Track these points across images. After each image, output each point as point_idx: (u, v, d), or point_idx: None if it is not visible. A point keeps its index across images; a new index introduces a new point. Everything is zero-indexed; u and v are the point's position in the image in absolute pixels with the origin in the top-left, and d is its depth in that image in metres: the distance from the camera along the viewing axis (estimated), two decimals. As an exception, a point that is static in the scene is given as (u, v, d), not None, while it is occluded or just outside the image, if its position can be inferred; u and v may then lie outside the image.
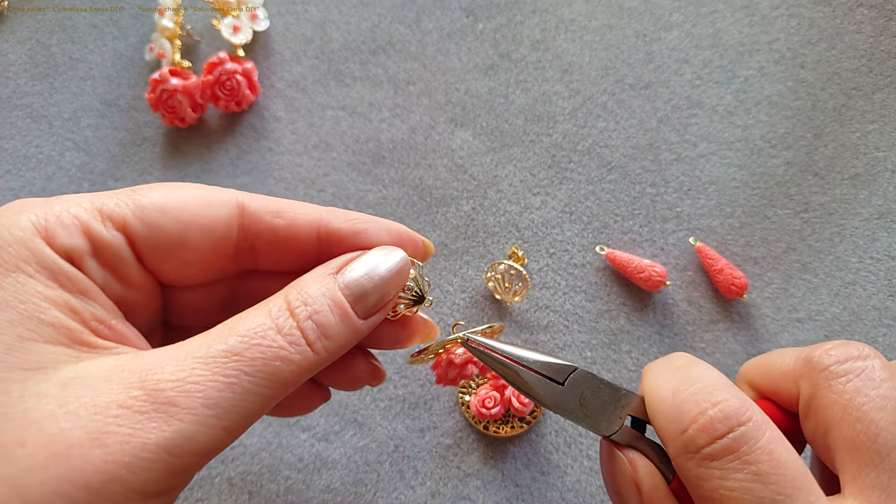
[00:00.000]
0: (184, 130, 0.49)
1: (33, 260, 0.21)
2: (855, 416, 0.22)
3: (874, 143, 0.45)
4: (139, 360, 0.20)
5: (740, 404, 0.21)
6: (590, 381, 0.25)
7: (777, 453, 0.20)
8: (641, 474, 0.23)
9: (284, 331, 0.21)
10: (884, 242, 0.43)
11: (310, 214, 0.26)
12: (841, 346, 0.24)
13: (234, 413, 0.20)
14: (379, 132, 0.47)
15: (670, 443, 0.22)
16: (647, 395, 0.24)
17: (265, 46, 0.50)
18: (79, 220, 0.22)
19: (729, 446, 0.21)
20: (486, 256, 0.44)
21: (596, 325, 0.42)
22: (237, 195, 0.26)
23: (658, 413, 0.23)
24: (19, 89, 0.50)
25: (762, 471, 0.20)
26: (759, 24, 0.47)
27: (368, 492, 0.40)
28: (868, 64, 0.46)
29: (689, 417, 0.22)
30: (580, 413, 0.25)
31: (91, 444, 0.18)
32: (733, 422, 0.21)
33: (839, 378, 0.23)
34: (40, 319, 0.20)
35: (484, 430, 0.41)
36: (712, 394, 0.22)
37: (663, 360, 0.25)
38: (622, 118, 0.46)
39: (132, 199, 0.24)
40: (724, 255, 0.43)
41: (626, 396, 0.25)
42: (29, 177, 0.48)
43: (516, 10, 0.49)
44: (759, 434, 0.21)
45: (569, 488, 0.40)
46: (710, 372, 0.23)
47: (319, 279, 0.23)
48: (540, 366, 0.25)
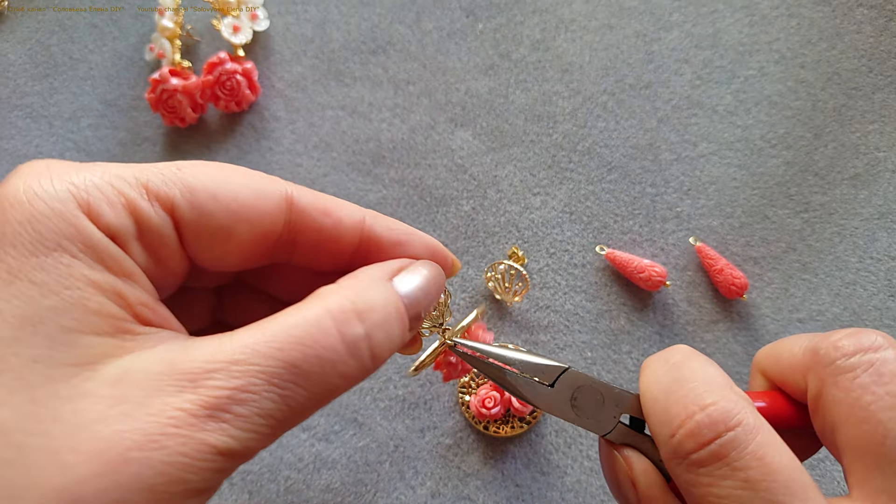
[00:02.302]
0: (184, 130, 0.49)
1: (78, 238, 0.19)
2: (861, 416, 0.20)
3: (874, 143, 0.45)
4: (189, 354, 0.19)
5: (730, 407, 0.21)
6: (581, 382, 0.25)
7: (768, 458, 0.20)
8: (637, 472, 0.23)
9: (349, 340, 0.20)
10: (884, 242, 0.43)
11: (354, 217, 0.25)
12: (851, 337, 0.22)
13: (287, 424, 0.20)
14: (379, 132, 0.47)
15: (661, 446, 0.22)
16: (642, 395, 0.23)
17: (265, 46, 0.50)
18: (124, 196, 0.20)
19: (717, 452, 0.20)
20: (487, 256, 0.44)
21: (596, 326, 0.42)
22: (287, 187, 0.24)
23: (650, 414, 0.23)
24: (19, 89, 0.50)
25: (752, 477, 0.19)
26: (759, 24, 0.47)
27: (368, 492, 0.40)
28: (868, 64, 0.46)
29: (676, 422, 0.21)
30: (572, 414, 0.24)
31: (149, 448, 0.17)
32: (721, 427, 0.20)
33: (846, 374, 0.21)
34: (86, 307, 0.19)
35: (484, 430, 0.41)
36: (701, 396, 0.21)
37: (660, 355, 0.24)
38: (622, 118, 0.46)
39: (180, 178, 0.21)
40: (724, 255, 0.43)
41: (621, 396, 0.25)
42: (29, 177, 0.48)
43: (516, 10, 0.49)
44: (749, 439, 0.20)
45: (569, 488, 0.40)
46: (705, 370, 0.22)
47: (379, 283, 0.22)
48: (527, 367, 0.25)
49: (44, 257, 0.18)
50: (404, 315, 0.22)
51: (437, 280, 0.25)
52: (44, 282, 0.18)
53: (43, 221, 0.19)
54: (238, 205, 0.22)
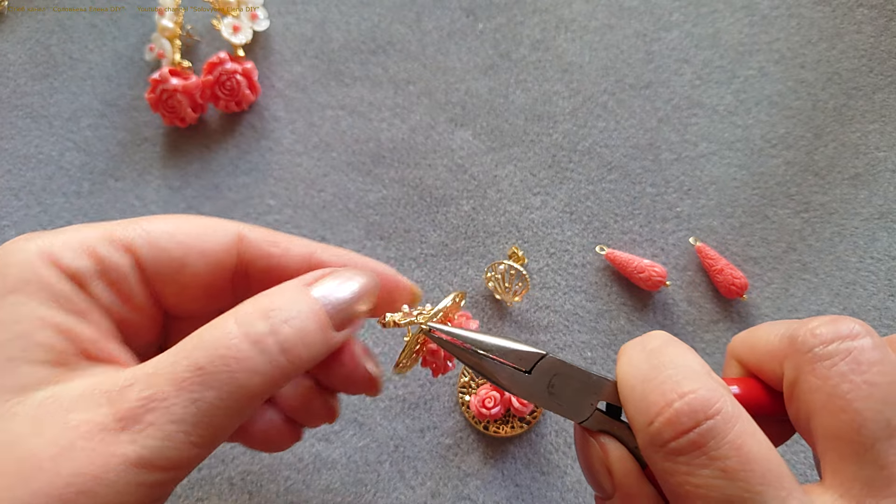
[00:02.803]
0: (184, 130, 0.49)
1: (34, 280, 0.21)
2: (838, 404, 0.20)
3: (874, 143, 0.45)
4: (111, 378, 0.20)
5: (709, 395, 0.20)
6: (559, 368, 0.24)
7: (747, 447, 0.19)
8: (613, 459, 0.23)
9: (252, 336, 0.21)
10: (884, 242, 0.43)
11: (303, 246, 0.27)
12: (829, 324, 0.22)
13: (202, 428, 0.20)
14: (379, 132, 0.47)
15: (638, 434, 0.22)
16: (619, 382, 0.23)
17: (265, 46, 0.50)
18: (85, 243, 0.23)
19: (695, 441, 0.20)
20: (486, 256, 0.44)
21: (596, 326, 0.43)
22: (238, 225, 0.26)
23: (627, 402, 0.22)
24: (19, 89, 0.50)
25: (730, 467, 0.19)
26: (760, 24, 0.47)
27: (368, 492, 0.40)
28: (868, 64, 0.46)
29: (654, 409, 0.21)
30: (549, 400, 0.24)
31: (60, 459, 0.18)
32: (700, 415, 0.20)
33: (823, 361, 0.21)
34: (31, 340, 0.21)
35: (484, 430, 0.41)
36: (680, 384, 0.21)
37: (638, 341, 0.24)
38: (622, 118, 0.46)
39: (139, 224, 0.24)
40: (724, 255, 0.43)
41: (599, 383, 0.24)
42: (29, 176, 0.48)
43: (516, 10, 0.49)
44: (728, 428, 0.20)
45: (569, 488, 0.40)
46: (683, 357, 0.22)
47: (292, 287, 0.23)
48: (504, 353, 0.24)
49: (2, 299, 0.21)
50: (320, 312, 0.23)
51: (365, 283, 0.25)
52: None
53: (9, 269, 0.21)
54: (191, 238, 0.25)
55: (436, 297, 0.44)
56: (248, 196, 0.47)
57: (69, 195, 0.47)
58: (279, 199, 0.46)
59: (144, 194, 0.47)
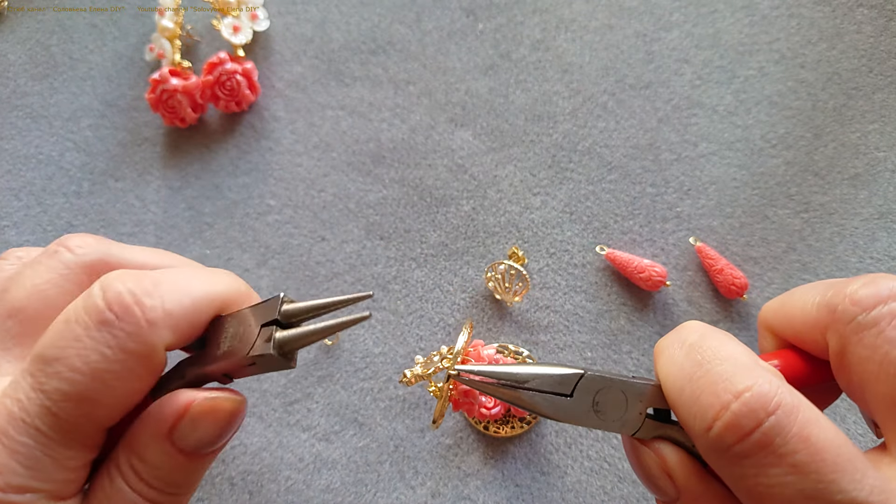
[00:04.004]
0: (184, 130, 0.49)
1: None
2: (892, 372, 0.19)
3: (874, 143, 0.45)
4: None
5: (766, 389, 0.19)
6: (600, 384, 0.23)
7: (814, 438, 0.18)
8: (672, 465, 0.22)
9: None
10: (884, 242, 0.43)
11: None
12: (867, 286, 0.21)
13: None
14: (379, 132, 0.47)
15: (696, 439, 0.20)
16: (664, 385, 0.22)
17: (265, 46, 0.50)
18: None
19: (760, 442, 0.19)
20: (487, 256, 0.44)
21: (596, 326, 0.43)
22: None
23: (677, 406, 0.21)
24: (19, 89, 0.50)
25: (800, 462, 0.18)
26: (760, 24, 0.47)
27: (369, 492, 0.40)
28: (868, 64, 0.46)
29: (711, 413, 0.19)
30: (596, 419, 0.23)
31: None
32: (761, 413, 0.19)
33: (870, 330, 0.20)
34: None
35: (484, 431, 0.41)
36: (732, 381, 0.20)
37: (674, 336, 0.23)
38: (622, 118, 0.46)
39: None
40: (724, 255, 0.43)
41: (642, 389, 0.23)
42: (29, 177, 0.48)
43: (516, 10, 0.49)
44: (791, 421, 0.19)
45: (569, 488, 0.40)
46: (726, 348, 0.21)
47: (155, 443, 0.23)
48: (541, 382, 0.23)
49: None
50: (187, 463, 0.23)
51: (230, 414, 0.24)
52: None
53: None
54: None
55: (436, 297, 0.44)
56: (249, 196, 0.47)
57: (69, 195, 0.48)
58: (279, 199, 0.46)
59: (145, 194, 0.47)
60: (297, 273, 0.45)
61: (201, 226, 0.46)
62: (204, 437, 0.23)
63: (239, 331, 0.24)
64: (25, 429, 0.21)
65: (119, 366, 0.22)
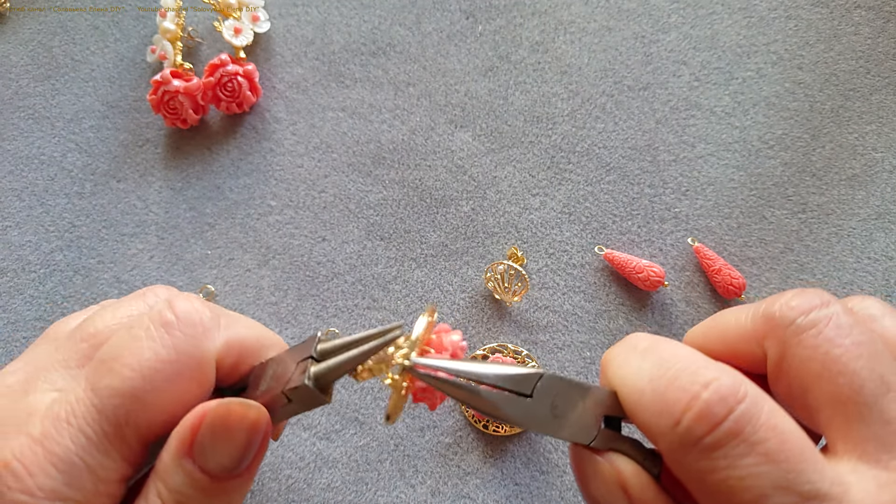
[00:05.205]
0: (185, 132, 0.49)
1: None
2: (836, 369, 0.20)
3: (871, 144, 0.45)
4: None
5: (733, 379, 0.19)
6: (558, 385, 0.22)
7: (780, 426, 0.19)
8: (627, 476, 0.21)
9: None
10: (881, 243, 0.43)
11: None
12: (799, 296, 0.21)
13: None
14: (379, 133, 0.47)
15: (661, 439, 0.20)
16: (620, 389, 0.22)
17: (266, 48, 0.50)
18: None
19: (732, 430, 0.18)
20: (486, 257, 0.45)
21: (595, 326, 0.43)
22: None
23: (638, 408, 0.21)
24: (21, 90, 0.51)
25: (771, 449, 0.18)
26: (757, 26, 0.48)
27: (369, 490, 0.40)
28: (865, 65, 0.46)
29: (679, 407, 0.19)
30: (554, 424, 0.22)
31: None
32: (731, 401, 0.19)
33: (809, 331, 0.20)
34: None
35: (483, 429, 0.41)
36: (697, 374, 0.19)
37: (622, 345, 0.23)
38: (621, 119, 0.47)
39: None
40: (721, 256, 0.43)
41: (599, 395, 0.22)
42: (31, 177, 0.48)
43: (515, 13, 0.49)
44: (759, 409, 0.19)
45: (568, 487, 0.40)
46: (683, 349, 0.21)
47: (177, 464, 0.22)
48: (502, 380, 0.21)
49: None
50: (209, 485, 0.22)
51: (250, 430, 0.23)
52: None
53: None
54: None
55: (436, 297, 0.44)
56: (250, 197, 0.47)
57: (71, 196, 0.48)
58: (280, 200, 0.47)
59: (146, 195, 0.48)
60: (298, 273, 0.45)
61: (203, 226, 0.47)
62: (225, 451, 0.22)
63: (277, 371, 0.24)
64: (68, 431, 0.21)
65: (171, 367, 0.22)
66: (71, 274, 0.46)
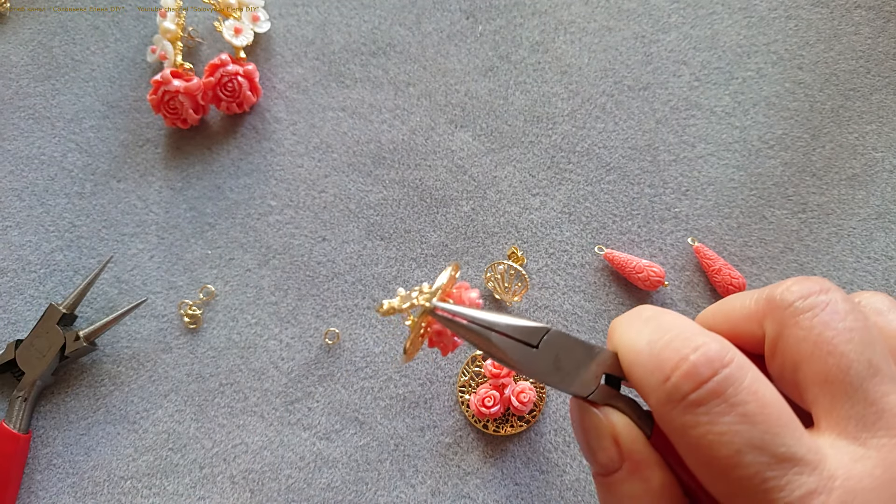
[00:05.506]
0: (185, 132, 0.49)
1: None
2: (826, 350, 0.21)
3: (871, 144, 0.45)
4: None
5: (720, 346, 0.21)
6: (563, 341, 0.24)
7: (761, 392, 0.20)
8: (620, 428, 0.23)
9: None
10: (881, 242, 0.43)
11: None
12: (801, 282, 0.23)
13: None
14: (379, 133, 0.47)
15: (651, 394, 0.22)
16: (621, 349, 0.23)
17: (266, 48, 0.50)
18: None
19: (714, 390, 0.20)
20: (486, 256, 0.45)
21: (595, 325, 0.43)
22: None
23: (635, 365, 0.23)
24: (21, 90, 0.51)
25: (749, 412, 0.20)
26: (757, 26, 0.48)
27: (369, 490, 0.40)
28: (865, 65, 0.46)
29: (670, 365, 0.21)
30: (556, 375, 0.24)
31: None
32: (717, 364, 0.20)
33: (805, 313, 0.22)
34: None
35: (483, 429, 0.41)
36: (690, 339, 0.21)
37: (630, 313, 0.25)
38: (621, 119, 0.47)
39: None
40: (721, 256, 0.43)
41: (600, 353, 0.24)
42: (31, 177, 0.48)
43: (516, 13, 0.49)
44: (743, 374, 0.20)
45: (568, 487, 0.40)
46: (682, 319, 0.23)
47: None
48: (512, 329, 0.24)
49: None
50: None
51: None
52: None
53: None
54: None
55: (436, 297, 0.44)
56: (250, 197, 0.47)
57: (71, 196, 0.48)
58: (280, 200, 0.47)
59: (146, 195, 0.48)
60: (298, 273, 0.45)
61: (203, 226, 0.47)
62: None
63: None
64: None
65: None
66: (71, 274, 0.46)
